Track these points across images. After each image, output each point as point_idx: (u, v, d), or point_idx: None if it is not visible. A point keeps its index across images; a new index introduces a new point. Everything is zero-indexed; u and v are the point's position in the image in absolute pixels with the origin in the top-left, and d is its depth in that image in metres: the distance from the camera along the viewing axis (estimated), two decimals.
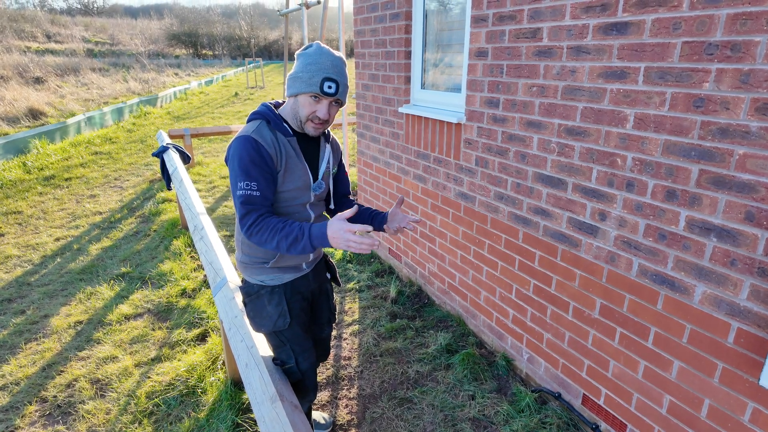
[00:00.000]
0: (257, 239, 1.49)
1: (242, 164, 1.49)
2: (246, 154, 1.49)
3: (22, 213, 5.53)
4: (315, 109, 1.55)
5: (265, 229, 1.47)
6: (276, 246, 1.48)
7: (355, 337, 3.09)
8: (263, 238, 1.48)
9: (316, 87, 1.50)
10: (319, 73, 1.49)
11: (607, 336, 2.08)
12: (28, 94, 12.50)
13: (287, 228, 1.47)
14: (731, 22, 1.46)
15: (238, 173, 1.49)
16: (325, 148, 1.75)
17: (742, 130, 1.47)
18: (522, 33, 2.24)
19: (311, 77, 1.50)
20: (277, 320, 1.76)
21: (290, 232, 1.46)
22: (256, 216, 1.49)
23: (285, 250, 1.48)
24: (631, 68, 1.77)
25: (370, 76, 3.83)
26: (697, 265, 1.67)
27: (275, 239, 1.47)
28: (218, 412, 2.40)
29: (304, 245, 1.46)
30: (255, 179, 1.49)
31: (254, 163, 1.49)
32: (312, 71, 1.50)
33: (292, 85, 1.55)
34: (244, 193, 1.48)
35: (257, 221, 1.49)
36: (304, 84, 1.51)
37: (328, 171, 1.77)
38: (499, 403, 2.49)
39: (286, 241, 1.46)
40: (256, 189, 1.49)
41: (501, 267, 2.69)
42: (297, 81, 1.53)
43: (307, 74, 1.50)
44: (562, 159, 2.15)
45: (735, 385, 1.61)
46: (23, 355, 2.94)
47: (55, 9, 58.13)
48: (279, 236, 1.47)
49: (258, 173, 1.50)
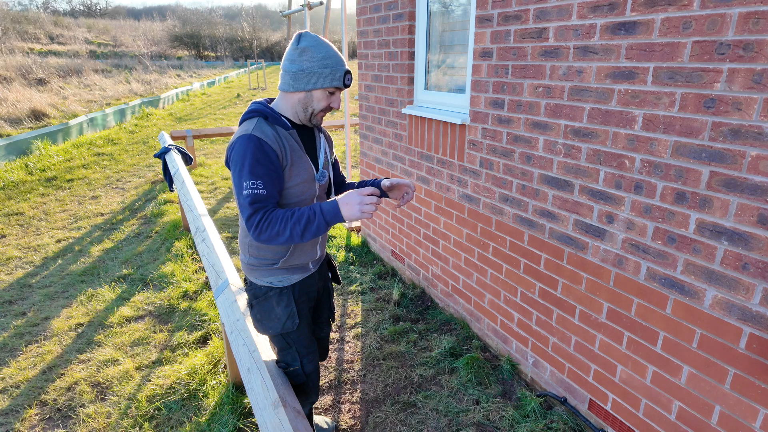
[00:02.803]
0: (268, 234, 1.43)
1: (246, 164, 1.45)
2: (249, 153, 1.45)
3: (23, 214, 5.52)
4: (330, 101, 1.56)
5: (274, 222, 1.43)
6: (290, 235, 1.43)
7: (357, 340, 3.06)
8: (274, 230, 1.43)
9: (340, 82, 1.52)
10: (340, 68, 1.51)
11: (615, 340, 2.05)
12: (30, 96, 12.52)
13: (297, 213, 1.44)
14: (743, 21, 1.43)
15: (242, 173, 1.45)
16: (319, 137, 1.74)
17: (755, 132, 1.44)
18: (528, 33, 2.22)
19: (333, 72, 1.50)
20: (286, 322, 1.73)
21: (301, 216, 1.43)
22: (263, 212, 1.44)
23: (299, 236, 1.44)
24: (640, 68, 1.74)
25: (373, 77, 3.81)
26: (707, 269, 1.64)
27: (287, 228, 1.42)
28: (220, 416, 2.37)
29: (318, 224, 1.44)
30: (260, 177, 1.45)
31: (258, 161, 1.46)
32: (332, 66, 1.50)
33: (306, 80, 1.51)
34: (250, 193, 1.44)
35: (265, 216, 1.44)
36: (326, 79, 1.50)
37: (327, 160, 1.75)
38: (504, 407, 2.46)
39: (299, 225, 1.43)
40: (263, 187, 1.45)
41: (506, 270, 2.66)
42: (314, 76, 1.50)
43: (328, 69, 1.50)
44: (568, 160, 2.12)
45: (746, 392, 1.58)
46: (23, 358, 2.92)
47: (58, 11, 58.33)
48: (290, 223, 1.43)
49: (263, 172, 1.46)
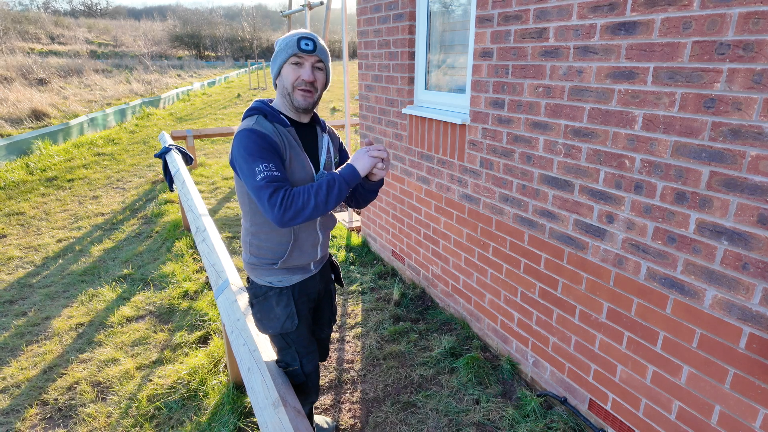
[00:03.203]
0: (294, 210, 1.44)
1: (253, 151, 1.46)
2: (253, 142, 1.47)
3: (24, 214, 5.53)
4: (299, 74, 1.55)
5: (297, 196, 1.45)
6: (315, 204, 1.46)
7: (358, 340, 3.06)
8: (299, 203, 1.44)
9: (294, 47, 1.52)
10: (294, 36, 1.54)
11: (615, 340, 2.05)
12: (31, 96, 12.53)
13: (315, 184, 1.48)
14: (743, 22, 1.43)
15: (252, 160, 1.45)
16: (323, 137, 1.73)
17: (755, 131, 1.44)
18: (528, 33, 2.22)
19: (288, 43, 1.54)
20: (285, 322, 1.74)
21: (321, 185, 1.48)
22: (284, 191, 1.44)
23: (324, 202, 1.47)
24: (640, 68, 1.74)
25: (374, 77, 3.81)
26: (707, 269, 1.64)
27: (312, 198, 1.45)
28: (220, 415, 2.37)
29: (339, 186, 1.49)
30: (271, 161, 1.47)
31: (265, 148, 1.48)
32: (288, 39, 1.55)
33: (273, 64, 1.58)
34: (266, 174, 1.44)
35: (287, 194, 1.44)
36: (283, 52, 1.54)
37: (330, 161, 1.74)
38: (504, 407, 2.46)
39: (322, 192, 1.47)
40: (276, 169, 1.46)
41: (506, 270, 2.66)
42: (277, 56, 1.57)
43: (284, 43, 1.55)
44: (568, 160, 2.12)
45: (747, 392, 1.58)
46: (24, 358, 2.93)
47: (58, 11, 58.36)
48: (313, 192, 1.46)
49: (271, 157, 1.48)
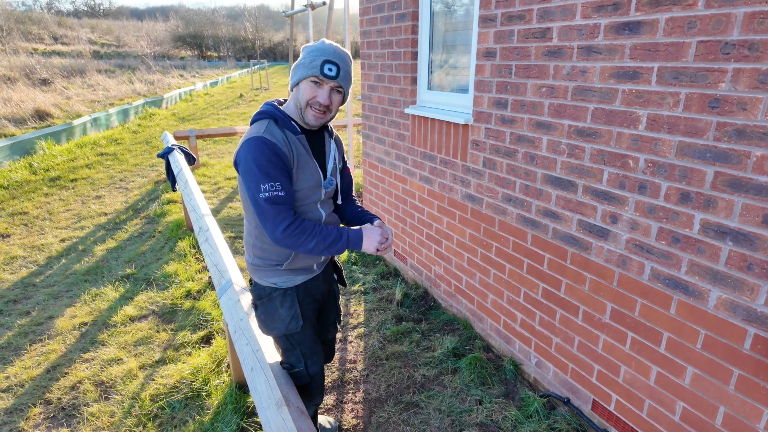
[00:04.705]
0: (293, 241, 1.51)
1: (261, 166, 1.46)
2: (262, 155, 1.46)
3: (27, 214, 5.55)
4: (316, 94, 1.54)
5: (302, 232, 1.51)
6: (313, 247, 1.54)
7: (360, 340, 3.06)
8: (300, 240, 1.51)
9: (317, 69, 1.50)
10: (320, 57, 1.51)
11: (618, 341, 2.04)
12: (34, 96, 12.57)
13: (324, 231, 1.56)
14: (748, 21, 1.42)
15: (258, 176, 1.46)
16: (330, 144, 1.74)
17: (760, 132, 1.43)
18: (531, 33, 2.21)
19: (312, 61, 1.51)
20: (290, 323, 1.74)
21: (328, 234, 1.56)
22: (291, 218, 1.50)
23: (320, 251, 1.55)
24: (644, 68, 1.74)
25: (376, 77, 3.81)
26: (712, 270, 1.63)
27: (314, 241, 1.53)
28: (223, 415, 2.37)
29: (340, 246, 1.58)
30: (277, 179, 1.48)
31: (272, 163, 1.47)
32: (314, 56, 1.52)
33: (294, 73, 1.57)
34: (270, 195, 1.47)
35: (294, 223, 1.50)
36: (305, 68, 1.52)
37: (335, 167, 1.76)
38: (507, 408, 2.45)
39: (324, 242, 1.54)
40: (281, 189, 1.48)
41: (509, 270, 2.66)
42: (299, 68, 1.55)
43: (309, 59, 1.52)
44: (572, 161, 2.11)
45: (751, 393, 1.57)
46: (28, 357, 2.94)
47: (61, 11, 58.54)
48: (318, 238, 1.53)
49: (278, 173, 1.49)
